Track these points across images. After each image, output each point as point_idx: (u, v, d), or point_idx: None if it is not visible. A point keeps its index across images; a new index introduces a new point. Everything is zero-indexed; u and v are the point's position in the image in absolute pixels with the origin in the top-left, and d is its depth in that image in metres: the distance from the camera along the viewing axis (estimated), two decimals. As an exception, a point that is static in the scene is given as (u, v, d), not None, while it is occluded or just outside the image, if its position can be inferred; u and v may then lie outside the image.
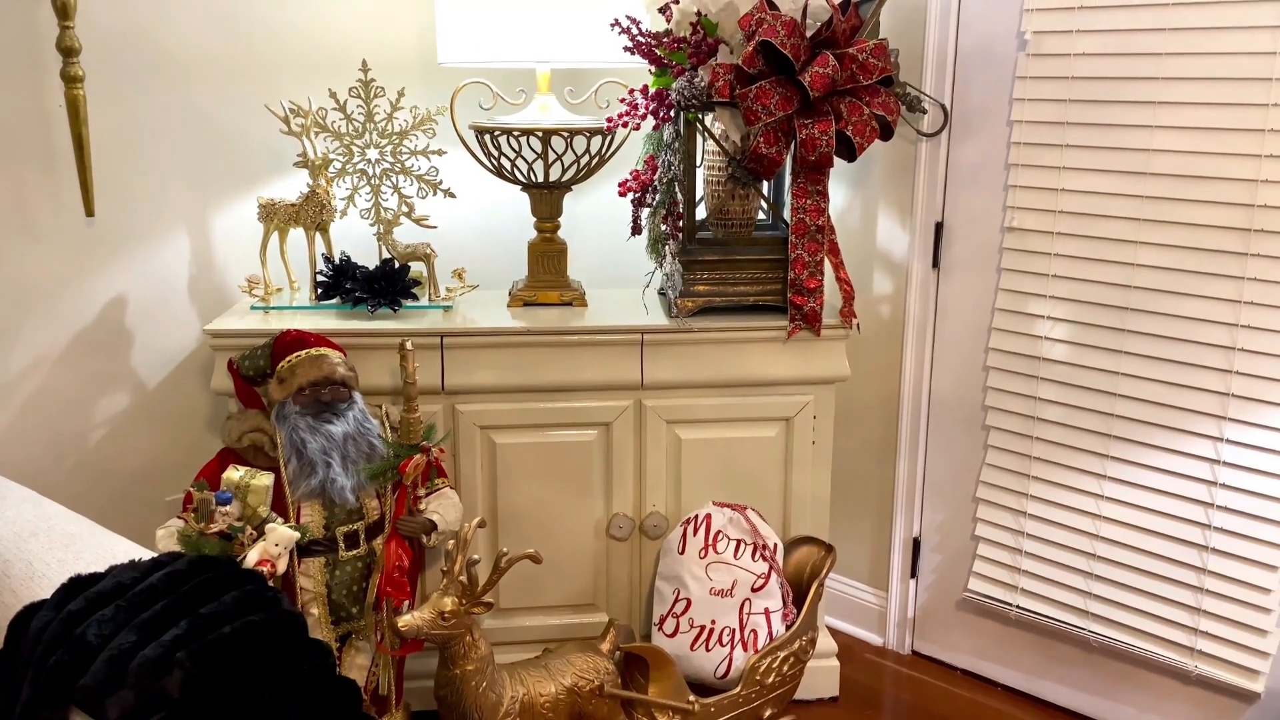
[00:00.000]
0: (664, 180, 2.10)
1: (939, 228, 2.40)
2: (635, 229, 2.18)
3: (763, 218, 2.38)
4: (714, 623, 2.13)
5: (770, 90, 1.95)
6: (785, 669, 2.14)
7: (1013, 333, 2.30)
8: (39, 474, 2.16)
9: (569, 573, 2.29)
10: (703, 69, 2.04)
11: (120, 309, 2.32)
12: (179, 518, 1.86)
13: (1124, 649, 2.23)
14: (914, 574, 2.60)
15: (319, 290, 2.25)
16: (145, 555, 1.47)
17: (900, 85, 2.14)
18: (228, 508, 1.81)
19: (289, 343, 1.97)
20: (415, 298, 2.26)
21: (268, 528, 1.81)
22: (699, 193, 2.28)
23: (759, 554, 2.16)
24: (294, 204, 2.21)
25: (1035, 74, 2.17)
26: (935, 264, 2.42)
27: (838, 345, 2.26)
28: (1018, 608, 2.37)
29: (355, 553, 1.98)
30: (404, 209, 2.25)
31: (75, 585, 1.35)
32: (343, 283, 2.23)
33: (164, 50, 2.27)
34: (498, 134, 2.22)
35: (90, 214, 2.19)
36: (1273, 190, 1.93)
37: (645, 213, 2.18)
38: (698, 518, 2.20)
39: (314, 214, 2.20)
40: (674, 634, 2.16)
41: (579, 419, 2.21)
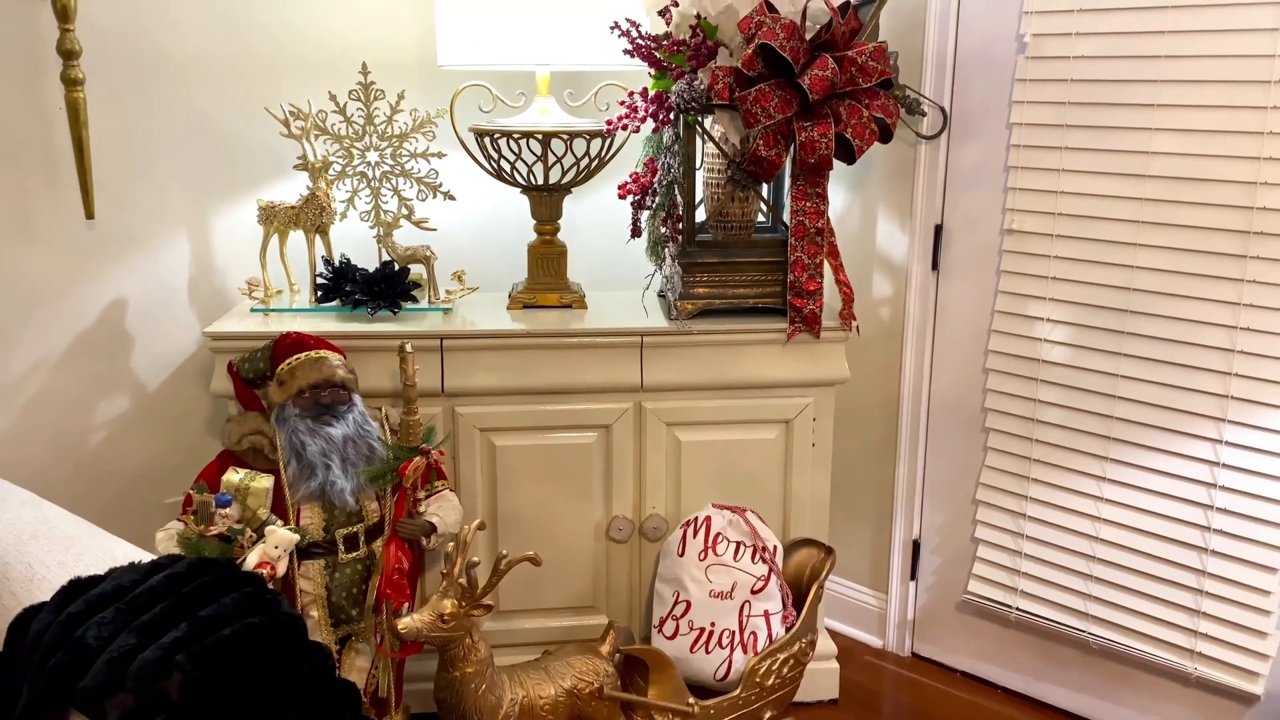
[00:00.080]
0: (663, 183, 2.10)
1: (938, 230, 2.40)
2: (635, 231, 2.18)
3: (762, 220, 2.38)
4: (714, 625, 2.13)
5: (770, 93, 1.95)
6: (785, 671, 2.14)
7: (1012, 335, 2.30)
8: (39, 476, 2.16)
9: (569, 575, 2.29)
10: (702, 72, 2.04)
11: (120, 311, 2.32)
12: (179, 520, 1.86)
13: (1123, 651, 2.24)
14: (914, 576, 2.60)
15: (319, 293, 2.25)
16: (145, 557, 1.47)
17: (900, 88, 2.14)
18: (227, 510, 1.81)
19: (289, 345, 1.98)
20: (415, 300, 2.26)
21: (267, 530, 1.81)
22: (698, 195, 2.28)
23: (759, 556, 2.16)
24: (294, 206, 2.21)
25: (1034, 77, 2.18)
26: (935, 266, 2.42)
27: (837, 347, 2.26)
28: (1017, 610, 2.37)
29: (355, 555, 1.98)
30: (404, 211, 2.26)
31: (75, 588, 1.35)
32: (342, 285, 2.23)
33: (164, 53, 2.28)
34: (497, 136, 2.23)
35: (90, 216, 2.20)
36: (1272, 192, 1.93)
37: (645, 215, 2.18)
38: (697, 520, 2.20)
39: (314, 216, 2.20)
40: (674, 636, 2.16)
41: (579, 421, 2.22)
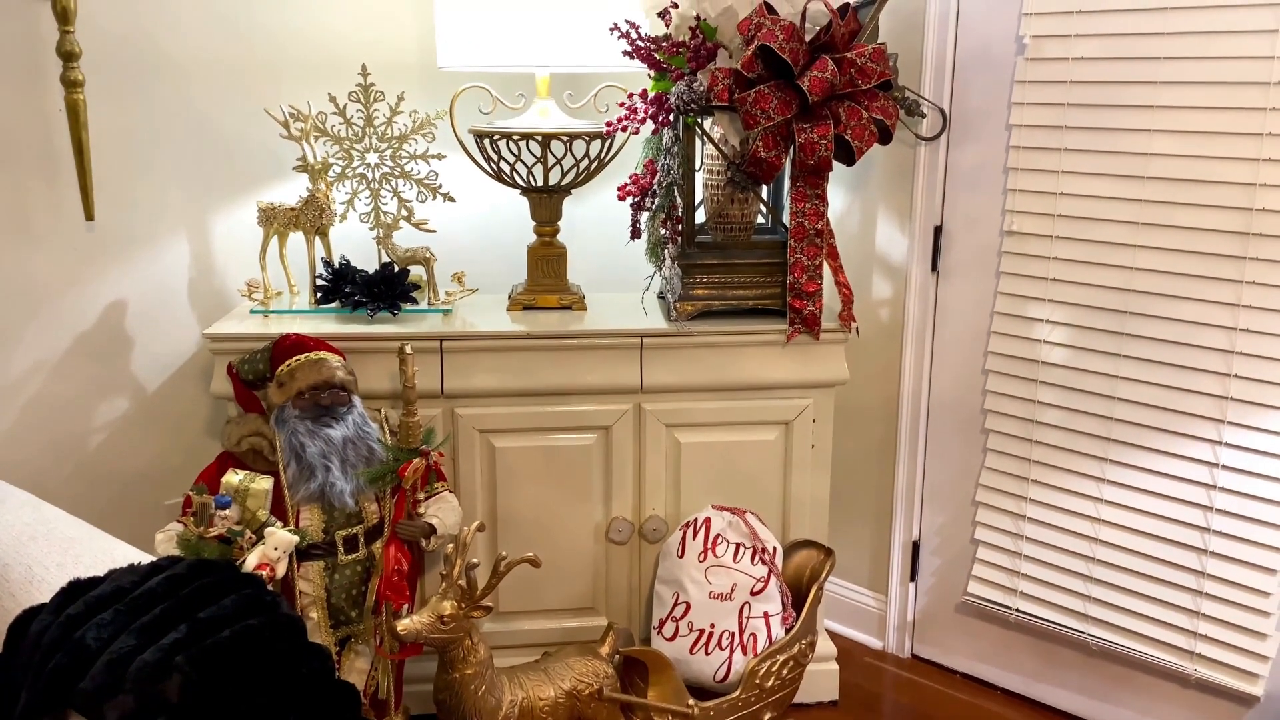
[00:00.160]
0: (663, 184, 2.10)
1: (938, 231, 2.40)
2: (634, 233, 2.18)
3: (762, 221, 2.39)
4: (713, 626, 2.13)
5: (769, 95, 1.96)
6: (785, 673, 2.14)
7: (1012, 336, 2.30)
8: (38, 477, 2.16)
9: (568, 576, 2.28)
10: (702, 73, 2.04)
11: (120, 313, 2.32)
12: (178, 521, 1.86)
13: (1123, 652, 2.23)
14: (913, 577, 2.60)
15: (318, 294, 2.25)
16: (144, 559, 1.47)
17: (899, 89, 2.14)
18: (227, 511, 1.81)
19: (288, 347, 1.98)
20: (415, 301, 2.26)
21: (267, 531, 1.81)
22: (698, 197, 2.29)
23: (758, 557, 2.16)
24: (294, 208, 2.21)
25: (1034, 78, 2.18)
26: (934, 267, 2.42)
27: (837, 349, 2.26)
28: (1017, 611, 2.37)
29: (354, 556, 1.98)
30: (403, 213, 2.26)
31: (74, 589, 1.35)
32: (342, 287, 2.23)
33: (164, 54, 2.28)
34: (497, 138, 2.23)
35: (90, 218, 2.20)
36: (1271, 194, 1.93)
37: (644, 217, 2.18)
38: (697, 521, 2.21)
39: (313, 218, 2.20)
40: (673, 637, 2.16)
41: (578, 423, 2.22)
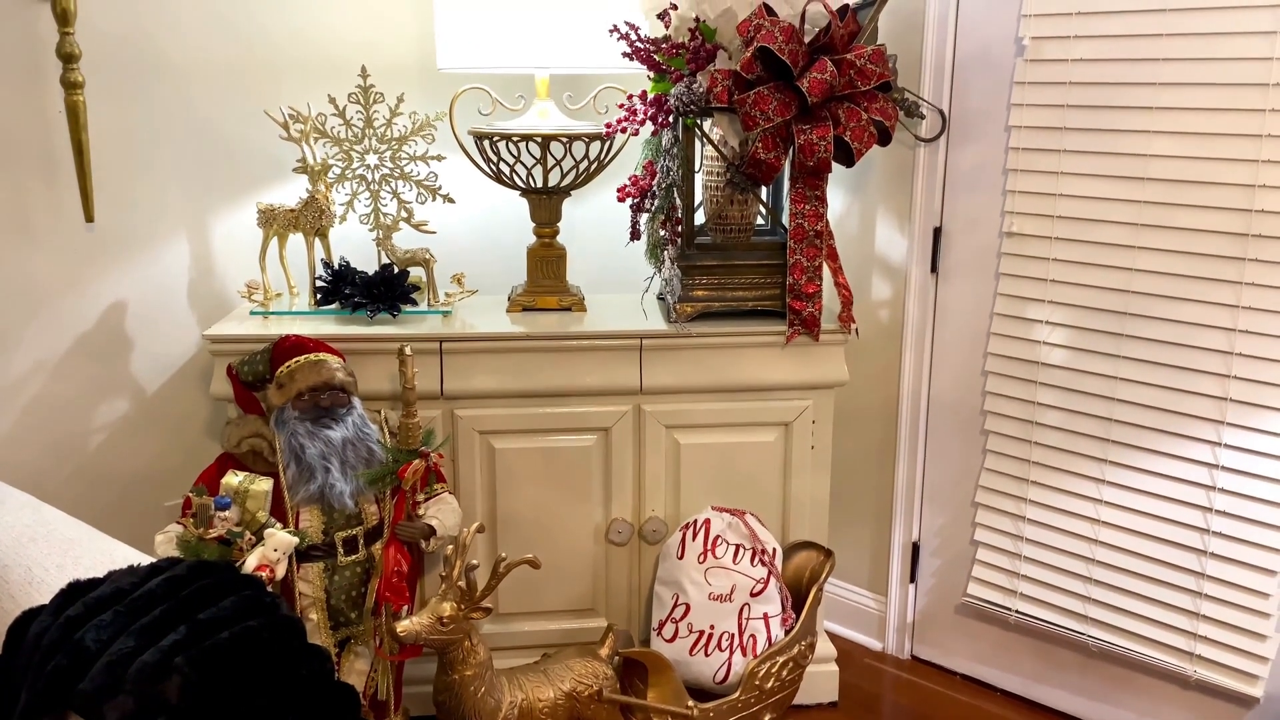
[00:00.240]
0: (663, 185, 2.10)
1: (937, 232, 2.40)
2: (634, 234, 2.18)
3: (761, 223, 2.39)
4: (713, 628, 2.13)
5: (768, 96, 1.96)
6: (784, 674, 2.14)
7: (1011, 337, 2.30)
8: (38, 478, 2.16)
9: (568, 578, 2.28)
10: (701, 75, 2.04)
11: (120, 314, 2.32)
12: (178, 523, 1.86)
13: (1123, 653, 2.23)
14: (913, 579, 2.60)
15: (318, 295, 2.25)
16: (144, 560, 1.46)
17: (898, 90, 2.14)
18: (226, 513, 1.81)
19: (288, 348, 1.98)
20: (414, 303, 2.26)
21: (266, 533, 1.81)
22: (698, 198, 2.29)
23: (758, 559, 2.16)
24: (293, 209, 2.21)
25: (1033, 79, 2.18)
26: (934, 269, 2.42)
27: (836, 350, 2.26)
28: (1017, 612, 2.37)
29: (354, 558, 1.98)
30: (403, 214, 2.26)
31: (74, 590, 1.35)
32: (342, 288, 2.24)
33: (164, 56, 2.28)
34: (497, 139, 2.23)
35: (90, 219, 2.20)
36: (1270, 195, 1.94)
37: (644, 218, 2.18)
38: (696, 523, 2.21)
39: (313, 219, 2.20)
40: (673, 639, 2.16)
41: (578, 424, 2.22)
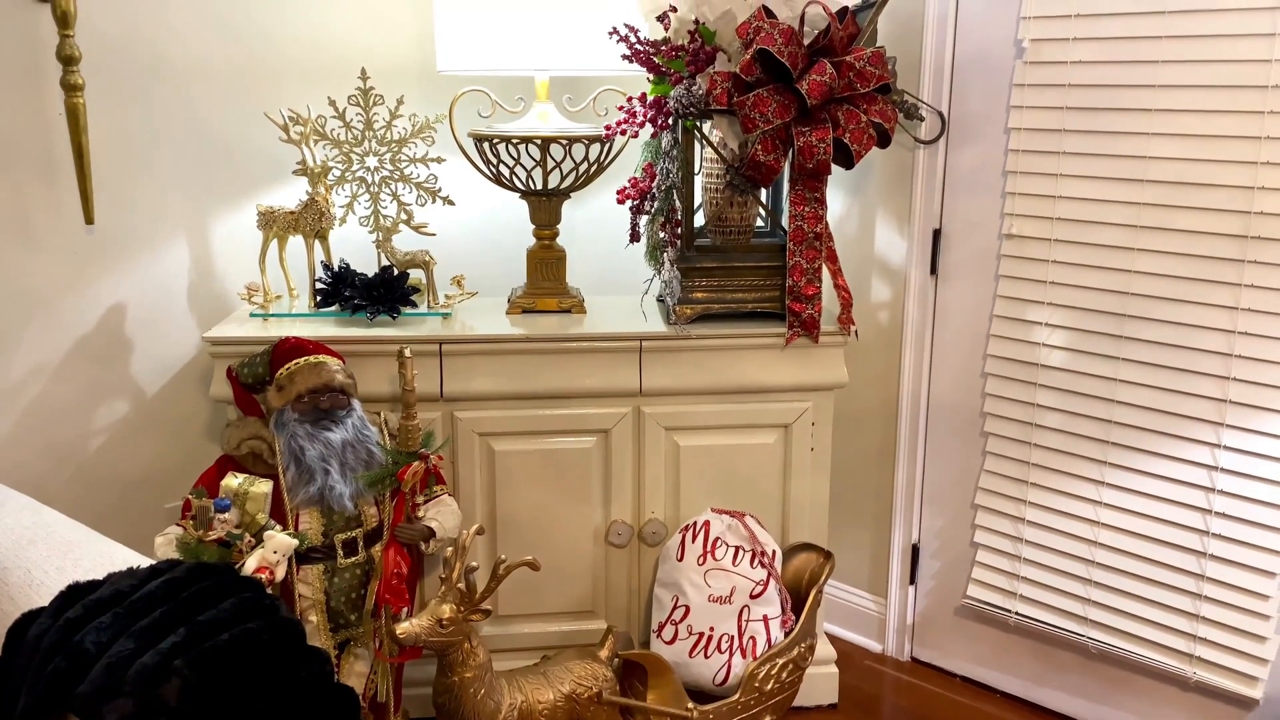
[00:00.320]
0: (662, 188, 2.10)
1: (937, 234, 2.40)
2: (634, 236, 2.18)
3: (761, 225, 2.39)
4: (712, 630, 2.13)
5: (768, 98, 1.96)
6: (784, 676, 2.14)
7: (1011, 339, 2.31)
8: (38, 481, 2.16)
9: (567, 580, 2.28)
10: (701, 77, 2.04)
11: (120, 316, 2.32)
12: (178, 525, 1.86)
13: (1123, 655, 2.23)
14: (913, 580, 2.60)
15: (318, 297, 2.25)
16: (144, 562, 1.46)
17: (898, 93, 2.14)
18: (226, 515, 1.81)
19: (288, 350, 1.98)
20: (414, 305, 2.26)
21: (266, 535, 1.81)
22: (697, 200, 2.29)
23: (757, 561, 2.16)
24: (293, 211, 2.21)
25: (1032, 81, 2.18)
26: (933, 271, 2.42)
27: (836, 352, 2.26)
28: (1017, 614, 2.37)
29: (354, 560, 1.98)
30: (403, 216, 2.26)
31: (73, 592, 1.35)
32: (342, 290, 2.24)
33: (164, 58, 2.28)
34: (496, 141, 2.23)
35: (90, 221, 2.20)
36: (1269, 197, 1.94)
37: (644, 220, 2.18)
38: (696, 524, 2.20)
39: (313, 221, 2.20)
40: (672, 641, 2.16)
41: (578, 426, 2.22)
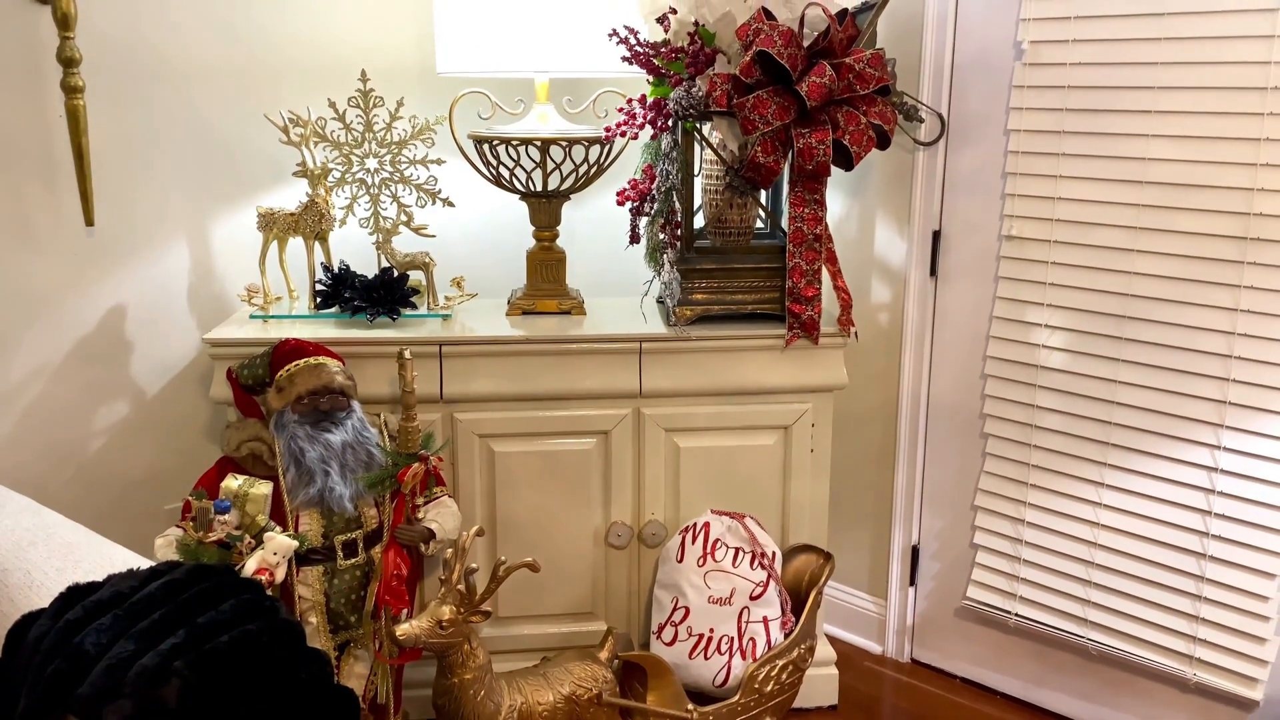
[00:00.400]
0: (662, 189, 2.10)
1: (936, 236, 2.40)
2: (633, 238, 2.18)
3: (760, 226, 2.39)
4: (712, 631, 2.13)
5: (767, 100, 1.96)
6: (784, 677, 2.14)
7: (1011, 341, 2.31)
8: (38, 482, 2.16)
9: (567, 581, 2.28)
10: (700, 79, 2.05)
11: (120, 318, 2.32)
12: (178, 526, 1.86)
13: (1123, 657, 2.23)
14: (913, 582, 2.60)
15: (318, 299, 2.26)
16: (144, 564, 1.46)
17: (897, 94, 2.15)
18: (226, 516, 1.81)
19: (288, 351, 1.98)
20: (414, 306, 2.26)
21: (266, 536, 1.81)
22: (697, 201, 2.29)
23: (757, 562, 2.16)
24: (293, 213, 2.21)
25: (1032, 83, 2.18)
26: (933, 272, 2.42)
27: (835, 353, 2.26)
28: (1017, 616, 2.37)
29: (354, 561, 1.98)
30: (403, 218, 2.26)
31: (73, 594, 1.35)
32: (341, 291, 2.24)
33: (164, 60, 2.28)
34: (496, 143, 2.23)
35: (90, 223, 2.20)
36: (1268, 199, 1.94)
37: (643, 221, 2.19)
38: (696, 526, 2.21)
39: (313, 223, 2.20)
40: (672, 642, 2.16)
41: (577, 427, 2.22)
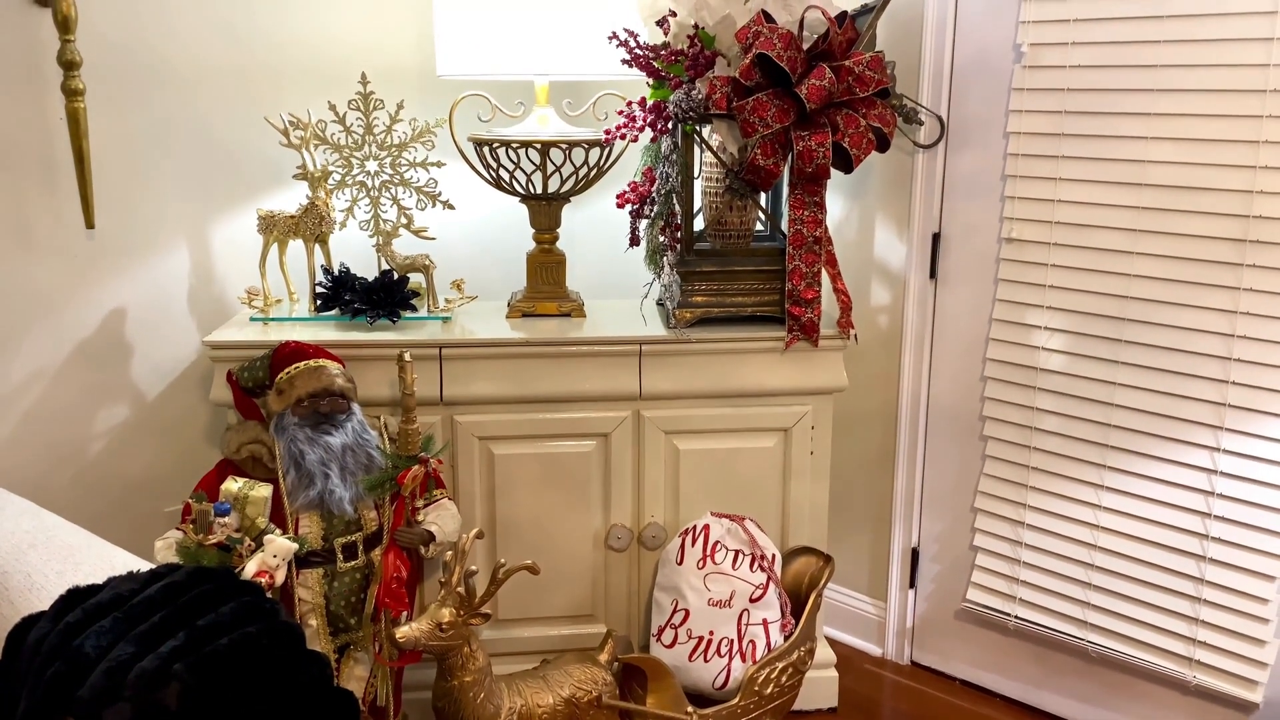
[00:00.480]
0: (662, 192, 2.10)
1: (936, 238, 2.40)
2: (633, 240, 2.19)
3: (760, 229, 2.39)
4: (712, 633, 2.13)
5: (767, 102, 1.96)
6: (784, 680, 2.14)
7: (1010, 343, 2.31)
8: (38, 484, 2.16)
9: (567, 583, 2.28)
10: (700, 81, 2.05)
11: (120, 320, 2.32)
12: (177, 529, 1.86)
13: (1122, 659, 2.23)
14: (913, 584, 2.60)
15: (318, 302, 2.26)
16: (144, 566, 1.46)
17: (897, 97, 2.15)
18: (226, 519, 1.81)
19: (288, 354, 1.98)
20: (414, 309, 2.27)
21: (266, 539, 1.81)
22: (697, 204, 2.29)
23: (757, 564, 2.16)
24: (293, 216, 2.21)
25: (1031, 86, 2.18)
26: (933, 274, 2.43)
27: (835, 356, 2.26)
28: (1016, 618, 2.37)
29: (353, 564, 1.98)
30: (403, 220, 2.26)
31: (73, 596, 1.35)
32: (342, 294, 2.24)
33: (165, 62, 2.28)
34: (496, 146, 2.23)
35: (90, 226, 2.20)
36: (1267, 201, 1.94)
37: (643, 224, 2.19)
38: (696, 528, 2.21)
39: (313, 226, 2.21)
40: (672, 645, 2.16)
41: (577, 430, 2.22)
